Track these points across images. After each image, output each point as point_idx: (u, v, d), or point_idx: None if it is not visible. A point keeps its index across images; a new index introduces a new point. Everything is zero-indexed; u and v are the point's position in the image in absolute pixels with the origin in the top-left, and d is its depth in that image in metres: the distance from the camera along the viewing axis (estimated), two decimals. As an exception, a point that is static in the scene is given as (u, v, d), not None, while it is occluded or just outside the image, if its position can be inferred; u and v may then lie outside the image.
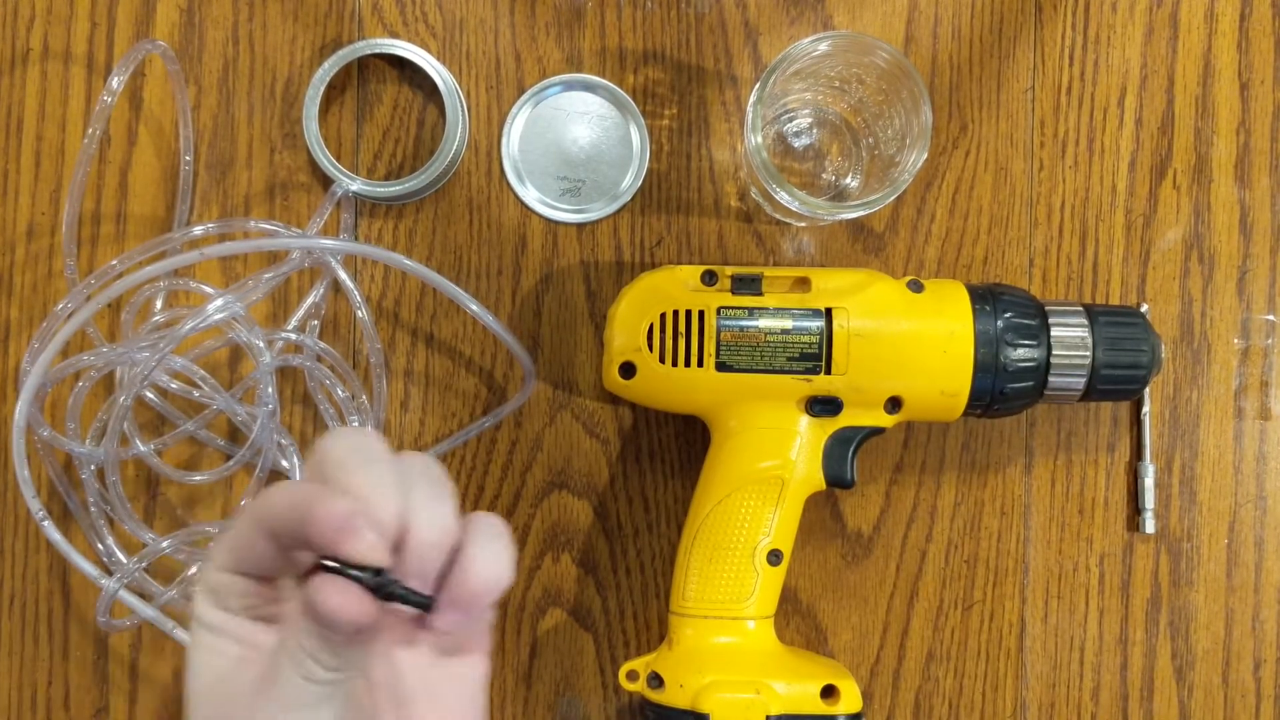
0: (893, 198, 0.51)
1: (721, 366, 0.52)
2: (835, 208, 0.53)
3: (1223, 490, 0.59)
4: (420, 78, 0.60)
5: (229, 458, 0.59)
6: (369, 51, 0.59)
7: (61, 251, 0.58)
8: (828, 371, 0.51)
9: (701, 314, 0.52)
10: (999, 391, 0.52)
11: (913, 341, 0.51)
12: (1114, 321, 0.53)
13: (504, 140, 0.60)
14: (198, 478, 0.58)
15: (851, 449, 0.53)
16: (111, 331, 0.60)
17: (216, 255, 0.54)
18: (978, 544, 0.59)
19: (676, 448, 0.59)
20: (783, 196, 0.52)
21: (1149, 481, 0.58)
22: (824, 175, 0.60)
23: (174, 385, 0.58)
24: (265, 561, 0.37)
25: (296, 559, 0.38)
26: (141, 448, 0.57)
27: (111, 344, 0.58)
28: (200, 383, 0.57)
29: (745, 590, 0.53)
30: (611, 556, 0.59)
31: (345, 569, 0.35)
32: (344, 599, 0.34)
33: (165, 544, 0.55)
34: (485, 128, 0.60)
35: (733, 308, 0.52)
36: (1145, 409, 0.59)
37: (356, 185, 0.58)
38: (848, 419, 0.53)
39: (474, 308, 0.56)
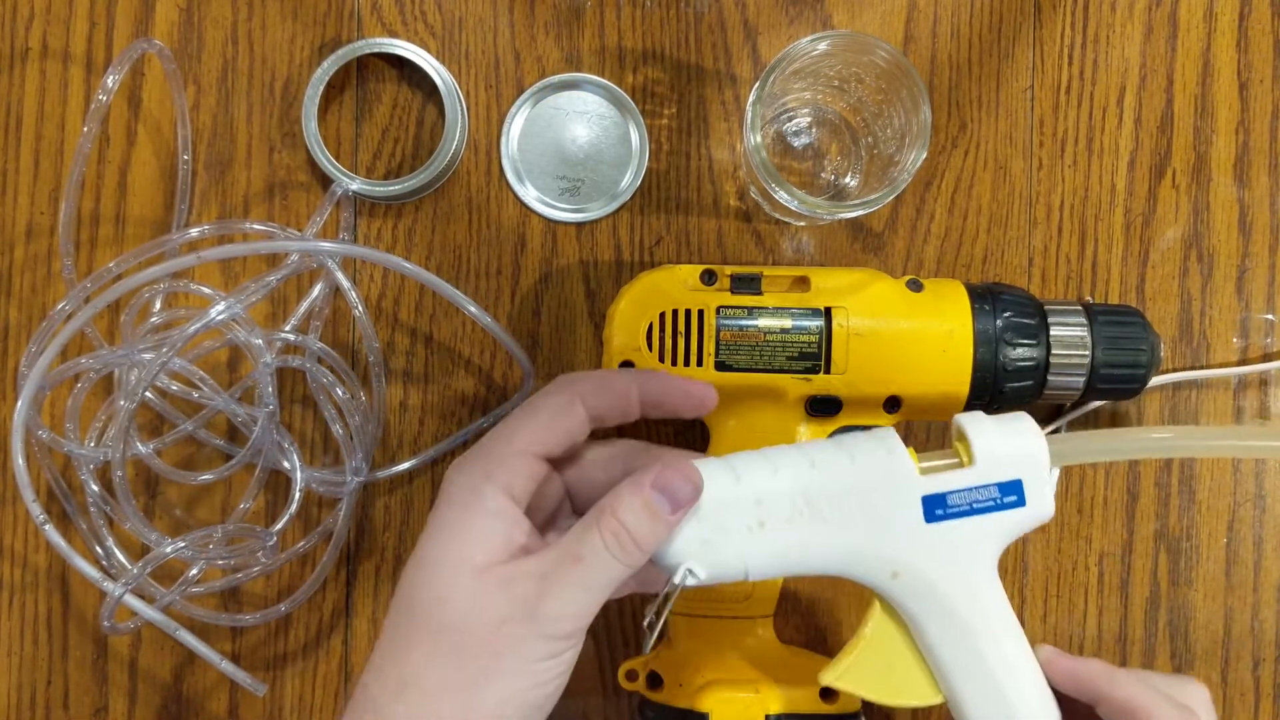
0: (892, 197, 0.51)
1: (721, 366, 0.52)
2: (834, 207, 0.53)
3: (1222, 489, 0.59)
4: (419, 77, 0.60)
5: (228, 458, 0.59)
6: (368, 51, 0.59)
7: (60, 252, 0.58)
8: (827, 371, 0.51)
9: (701, 313, 0.52)
10: (998, 391, 0.52)
11: (912, 341, 0.51)
12: (1113, 320, 0.53)
13: (503, 140, 0.60)
14: (200, 478, 0.58)
15: (851, 448, 0.53)
16: (110, 331, 0.60)
17: (214, 258, 0.54)
18: (977, 543, 0.59)
19: (676, 447, 0.59)
20: (782, 196, 0.52)
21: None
22: (823, 174, 0.60)
23: (174, 387, 0.58)
24: (575, 437, 0.44)
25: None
26: (142, 449, 0.57)
27: (112, 346, 0.58)
28: (200, 384, 0.57)
29: (745, 589, 0.53)
30: (611, 556, 0.59)
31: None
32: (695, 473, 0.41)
33: (169, 548, 0.55)
34: (484, 127, 0.60)
35: (732, 307, 0.52)
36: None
37: (356, 185, 0.58)
38: (847, 418, 0.53)
39: (472, 309, 0.56)
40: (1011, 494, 0.42)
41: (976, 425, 0.43)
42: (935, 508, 0.42)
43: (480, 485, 0.42)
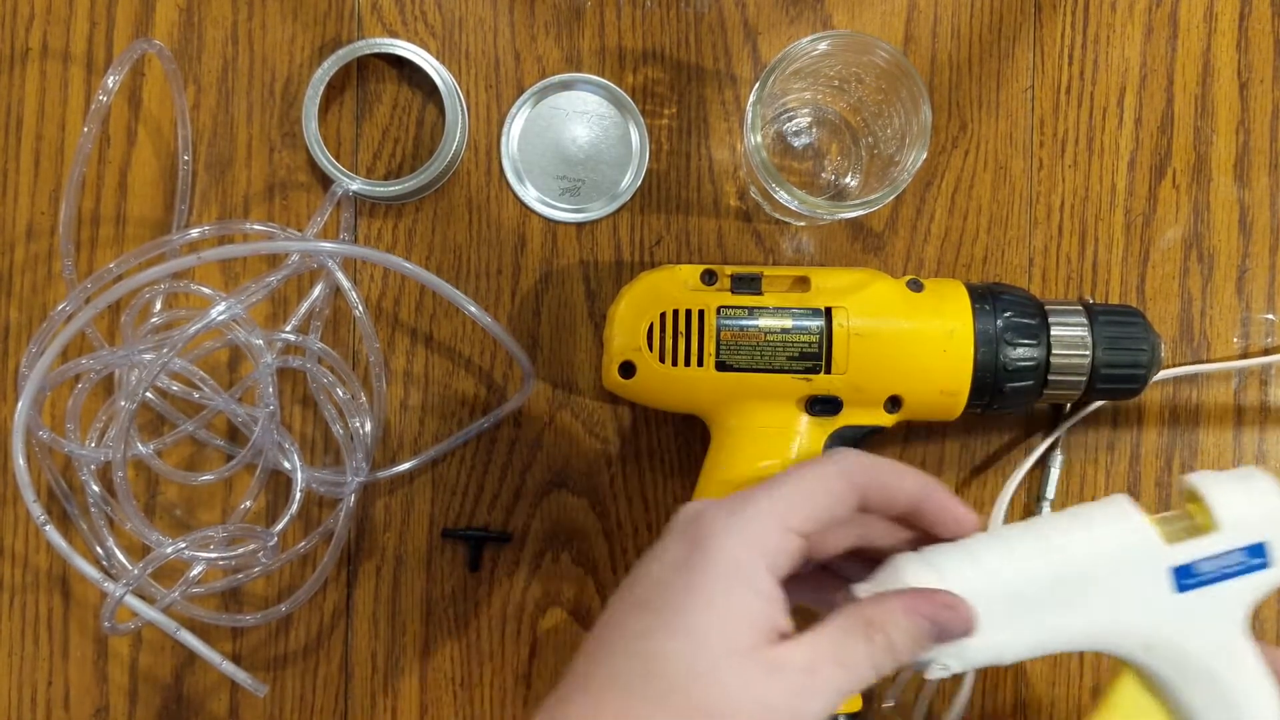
0: (892, 197, 0.51)
1: (721, 366, 0.52)
2: (834, 207, 0.53)
3: (1222, 489, 0.59)
4: (420, 77, 0.60)
5: (229, 458, 0.59)
6: (368, 51, 0.59)
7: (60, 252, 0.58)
8: (827, 371, 0.51)
9: (701, 313, 0.52)
10: (999, 390, 0.52)
11: (912, 341, 0.51)
12: (1113, 320, 0.53)
13: (503, 140, 0.60)
14: (200, 479, 0.58)
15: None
16: (110, 332, 0.60)
17: (214, 259, 0.54)
18: (977, 543, 0.59)
19: (676, 447, 0.59)
20: (782, 196, 0.52)
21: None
22: (823, 174, 0.60)
23: (175, 387, 0.58)
24: (833, 523, 0.42)
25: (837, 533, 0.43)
26: (143, 449, 0.57)
27: (112, 347, 0.58)
28: (200, 384, 0.57)
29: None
30: (611, 556, 0.59)
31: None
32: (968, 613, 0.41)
33: (170, 549, 0.55)
34: (485, 127, 0.60)
35: (732, 307, 0.52)
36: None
37: (356, 185, 0.58)
38: (847, 418, 0.53)
39: (472, 309, 0.56)
40: (1258, 556, 0.41)
41: (1216, 487, 0.42)
42: (1185, 578, 0.41)
43: (750, 560, 0.40)
